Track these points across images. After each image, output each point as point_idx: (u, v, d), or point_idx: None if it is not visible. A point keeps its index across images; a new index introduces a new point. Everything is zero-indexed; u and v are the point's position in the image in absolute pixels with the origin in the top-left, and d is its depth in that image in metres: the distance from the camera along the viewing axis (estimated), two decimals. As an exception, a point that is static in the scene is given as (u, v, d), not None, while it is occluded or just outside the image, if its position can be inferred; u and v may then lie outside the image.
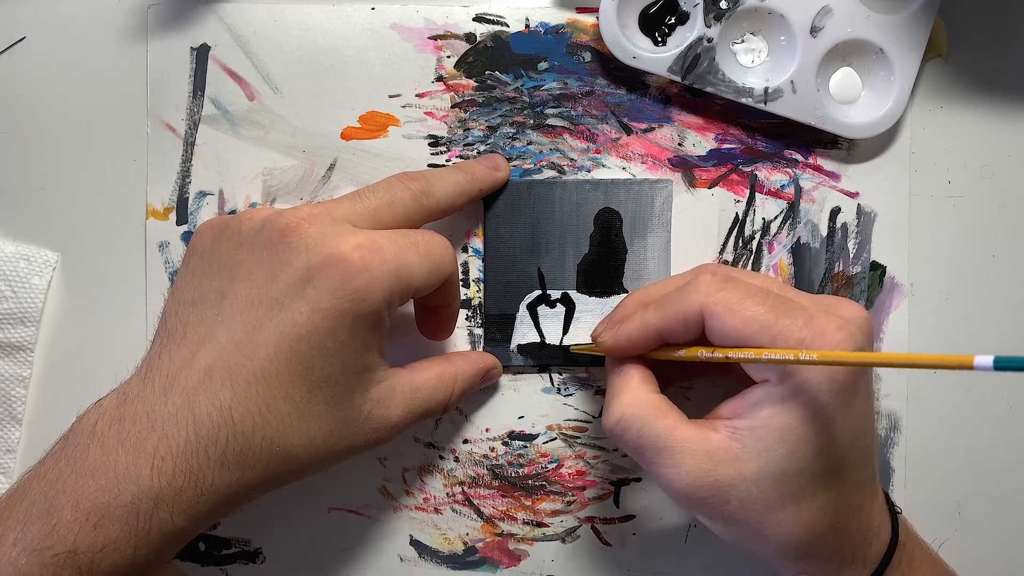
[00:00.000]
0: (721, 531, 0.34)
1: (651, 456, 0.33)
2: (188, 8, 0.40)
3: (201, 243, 0.34)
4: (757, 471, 0.31)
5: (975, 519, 0.40)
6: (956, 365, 0.26)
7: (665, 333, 0.34)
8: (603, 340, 0.35)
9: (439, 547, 0.41)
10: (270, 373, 0.30)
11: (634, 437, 0.33)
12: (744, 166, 0.41)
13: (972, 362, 0.25)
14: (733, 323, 0.32)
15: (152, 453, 0.29)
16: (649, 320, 0.34)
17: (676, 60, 0.39)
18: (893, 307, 0.42)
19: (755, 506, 0.31)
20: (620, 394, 0.34)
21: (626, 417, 0.33)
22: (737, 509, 0.32)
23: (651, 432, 0.33)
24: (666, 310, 0.34)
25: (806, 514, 0.32)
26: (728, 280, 0.33)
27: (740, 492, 0.31)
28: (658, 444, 0.32)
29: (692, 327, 0.33)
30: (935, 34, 0.40)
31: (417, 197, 0.35)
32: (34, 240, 0.41)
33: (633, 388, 0.34)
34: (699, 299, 0.33)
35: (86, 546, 0.28)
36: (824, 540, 0.32)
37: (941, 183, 0.42)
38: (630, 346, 0.35)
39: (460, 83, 0.41)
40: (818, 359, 0.29)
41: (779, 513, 0.31)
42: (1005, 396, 0.42)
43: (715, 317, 0.32)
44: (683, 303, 0.33)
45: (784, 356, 0.30)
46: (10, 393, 0.40)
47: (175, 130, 0.41)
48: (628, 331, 0.34)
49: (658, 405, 0.34)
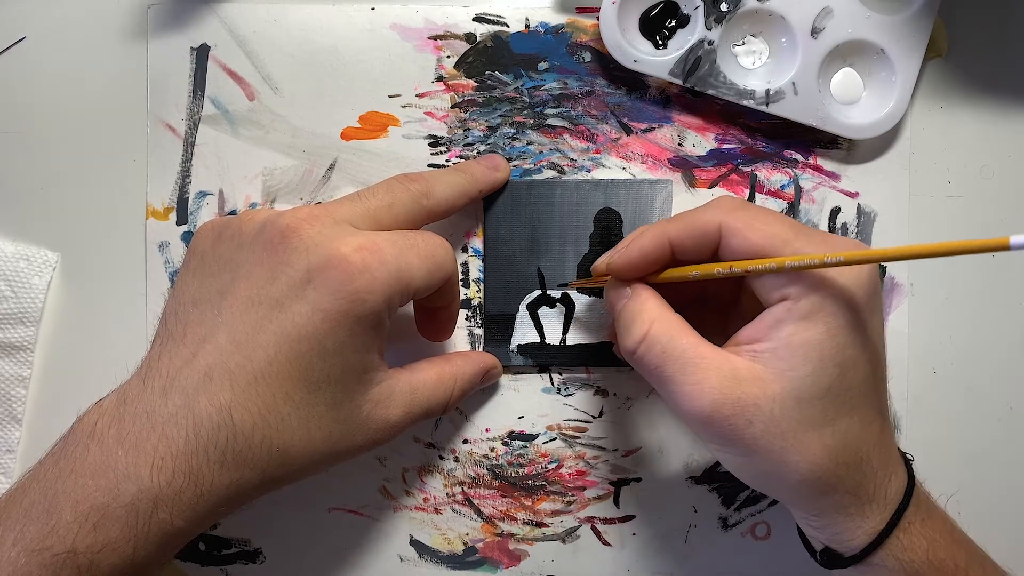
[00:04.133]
0: (741, 463, 0.33)
1: (674, 373, 0.32)
2: (188, 8, 0.40)
3: (201, 244, 0.34)
4: (781, 391, 0.30)
5: (975, 519, 0.40)
6: (992, 247, 0.25)
7: (679, 247, 0.33)
8: (615, 260, 0.34)
9: (439, 547, 0.41)
10: (270, 374, 0.30)
11: (658, 354, 0.32)
12: (744, 166, 0.41)
13: (1008, 242, 0.24)
14: (754, 237, 0.31)
15: (152, 453, 0.29)
16: (665, 231, 0.33)
17: (677, 63, 0.39)
18: (893, 307, 0.42)
19: (779, 429, 0.30)
20: (641, 313, 0.33)
21: (652, 333, 0.32)
22: (760, 432, 0.30)
23: (676, 347, 0.32)
24: (682, 223, 0.33)
25: (830, 438, 0.31)
26: (746, 202, 0.33)
27: (764, 413, 0.30)
28: (682, 360, 0.31)
29: (708, 242, 0.32)
30: (935, 34, 0.40)
31: (417, 198, 0.35)
32: (34, 240, 0.41)
33: (652, 307, 0.33)
34: (718, 215, 0.32)
35: (85, 546, 0.28)
36: (847, 470, 0.31)
37: (941, 183, 0.42)
38: (642, 260, 0.34)
39: (460, 83, 0.41)
40: (845, 259, 0.28)
41: (803, 437, 0.30)
42: (1005, 396, 0.42)
43: (735, 233, 0.31)
44: (700, 219, 0.32)
45: (809, 260, 0.29)
46: (10, 393, 0.40)
47: (175, 130, 0.41)
48: (641, 244, 0.34)
49: (680, 322, 0.33)
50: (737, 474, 0.34)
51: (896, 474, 0.33)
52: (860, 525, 0.32)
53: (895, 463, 0.33)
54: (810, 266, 0.29)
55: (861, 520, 0.32)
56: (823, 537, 0.34)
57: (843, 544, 0.33)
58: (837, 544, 0.33)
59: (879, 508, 0.32)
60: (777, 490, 0.33)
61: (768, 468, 0.32)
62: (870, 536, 0.32)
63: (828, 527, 0.33)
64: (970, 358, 0.42)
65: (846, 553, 0.33)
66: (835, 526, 0.33)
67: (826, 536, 0.33)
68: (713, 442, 0.33)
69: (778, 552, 0.42)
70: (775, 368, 0.31)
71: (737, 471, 0.33)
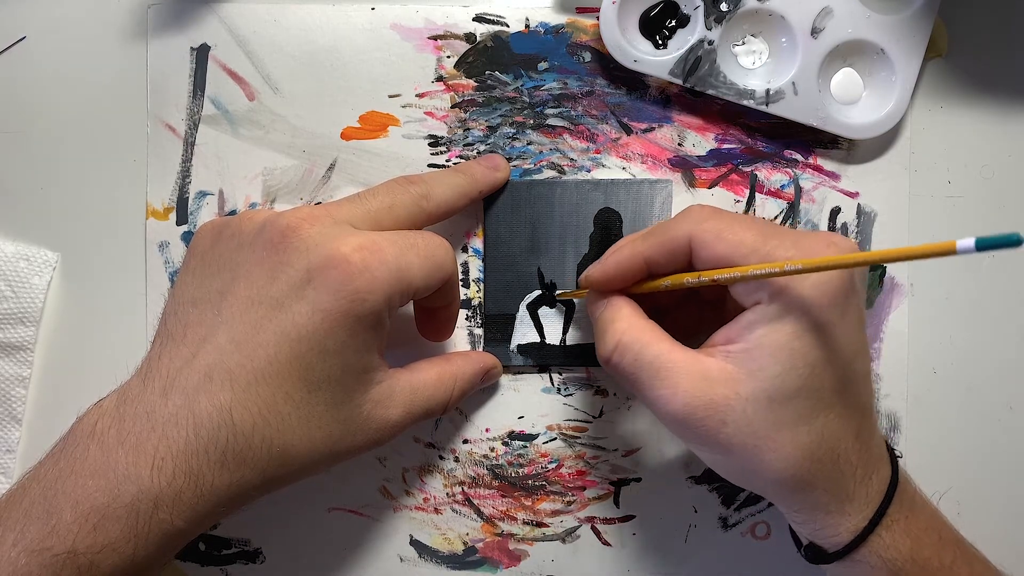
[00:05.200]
0: (719, 463, 0.33)
1: (647, 379, 0.32)
2: (188, 8, 0.40)
3: (201, 244, 0.34)
4: (753, 391, 0.31)
5: (975, 519, 0.40)
6: (939, 252, 0.25)
7: (652, 262, 0.34)
8: (591, 273, 0.36)
9: (439, 547, 0.41)
10: (270, 374, 0.30)
11: (631, 361, 0.33)
12: (744, 166, 0.41)
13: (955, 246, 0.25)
14: (722, 248, 0.32)
15: (152, 454, 0.29)
16: (637, 249, 0.34)
17: (677, 63, 0.39)
18: (893, 307, 0.42)
19: (752, 428, 0.31)
20: (614, 323, 0.34)
21: (623, 342, 0.33)
22: (734, 432, 0.31)
23: (648, 354, 0.32)
24: (654, 238, 0.34)
25: (804, 436, 0.31)
26: (717, 210, 0.33)
27: (736, 413, 0.31)
28: (655, 366, 0.32)
29: (680, 255, 0.33)
30: (935, 34, 0.40)
31: (417, 200, 0.35)
32: (34, 240, 0.41)
33: (626, 316, 0.34)
34: (688, 227, 0.33)
35: (85, 546, 0.28)
36: (823, 467, 0.32)
37: (941, 183, 0.42)
38: (618, 275, 0.35)
39: (460, 83, 0.41)
40: (803, 267, 0.29)
41: (777, 436, 0.31)
42: (1005, 396, 0.42)
43: (704, 244, 0.32)
44: (671, 231, 0.33)
45: (770, 269, 0.30)
46: (10, 393, 0.40)
47: (175, 130, 0.41)
48: (617, 259, 0.35)
49: (653, 330, 0.34)
50: (718, 471, 0.34)
51: (878, 472, 0.33)
52: (841, 522, 0.32)
53: (877, 461, 0.33)
54: (770, 274, 0.30)
55: (842, 517, 0.32)
56: (807, 532, 0.34)
57: (826, 540, 0.33)
58: (820, 540, 0.33)
59: (860, 506, 0.32)
60: (757, 487, 0.34)
61: (745, 466, 0.32)
62: (852, 533, 0.32)
63: (809, 523, 0.33)
64: (970, 358, 0.42)
65: (829, 549, 0.33)
66: (816, 522, 0.33)
67: (809, 531, 0.34)
68: (690, 442, 0.33)
69: (778, 552, 0.42)
70: (747, 368, 0.31)
71: (718, 469, 0.34)
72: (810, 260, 0.29)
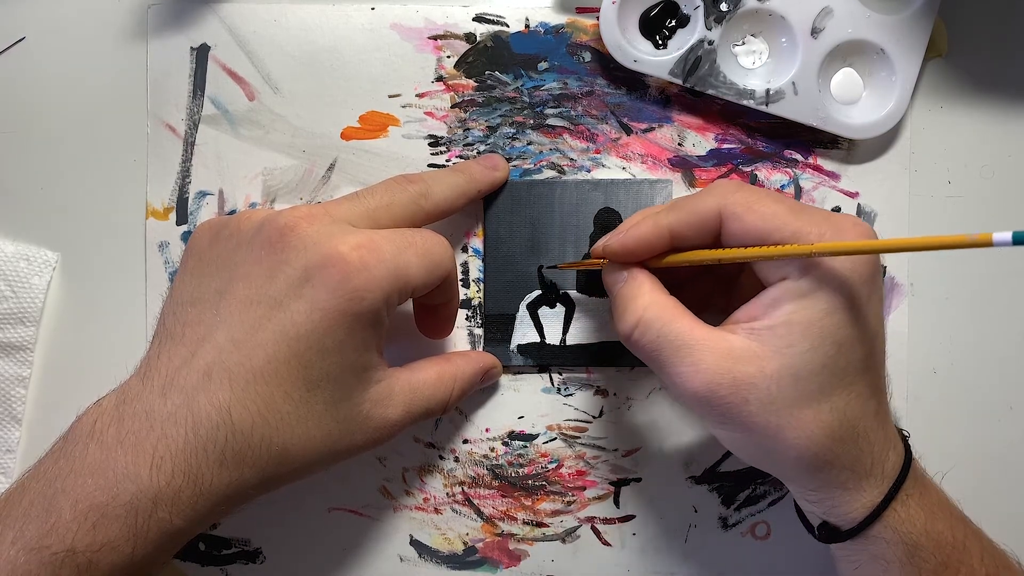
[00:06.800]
0: (739, 441, 0.33)
1: (669, 356, 0.32)
2: (188, 8, 0.40)
3: (199, 243, 0.34)
4: (778, 369, 0.31)
5: (975, 518, 0.39)
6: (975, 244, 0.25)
7: (678, 235, 0.33)
8: (611, 244, 0.34)
9: (439, 547, 0.41)
10: (269, 373, 0.30)
11: (653, 339, 0.32)
12: (744, 166, 0.41)
13: (991, 239, 0.25)
14: (753, 220, 0.31)
15: (151, 453, 0.29)
16: (662, 221, 0.33)
17: (677, 63, 0.39)
18: (893, 307, 0.41)
19: (775, 407, 0.31)
20: (635, 298, 0.34)
21: (645, 319, 0.33)
22: (756, 410, 0.31)
23: (671, 331, 0.32)
24: (681, 211, 0.33)
25: (827, 415, 0.31)
26: (744, 184, 0.33)
27: (760, 391, 0.31)
28: (677, 343, 0.32)
29: (708, 229, 0.33)
30: (935, 34, 0.40)
31: (415, 199, 0.35)
32: (34, 240, 0.41)
33: (647, 291, 0.34)
34: (717, 200, 0.32)
35: (84, 545, 0.28)
36: (844, 445, 0.31)
37: (941, 183, 0.42)
38: (640, 247, 0.34)
39: (460, 83, 0.41)
40: (836, 250, 0.29)
41: (800, 414, 0.31)
42: (1005, 396, 0.42)
43: (734, 217, 0.32)
44: (699, 204, 0.33)
45: (802, 250, 0.30)
46: (10, 393, 0.40)
47: (175, 130, 0.41)
48: (640, 231, 0.34)
49: (675, 306, 0.33)
50: (735, 451, 0.34)
51: (894, 449, 0.33)
52: (857, 499, 0.32)
53: (892, 438, 0.33)
54: (802, 253, 0.30)
55: (858, 494, 0.32)
56: (820, 511, 0.34)
57: (841, 518, 0.33)
58: (835, 518, 0.33)
59: (876, 482, 0.32)
60: (775, 466, 0.34)
61: (766, 445, 0.32)
62: (868, 509, 0.32)
63: (825, 501, 0.33)
64: (970, 358, 0.42)
65: (844, 527, 0.33)
66: (832, 500, 0.33)
67: (823, 510, 0.34)
68: (711, 421, 0.33)
69: (778, 552, 0.42)
70: (773, 346, 0.31)
71: (735, 448, 0.34)
72: (842, 244, 0.29)
